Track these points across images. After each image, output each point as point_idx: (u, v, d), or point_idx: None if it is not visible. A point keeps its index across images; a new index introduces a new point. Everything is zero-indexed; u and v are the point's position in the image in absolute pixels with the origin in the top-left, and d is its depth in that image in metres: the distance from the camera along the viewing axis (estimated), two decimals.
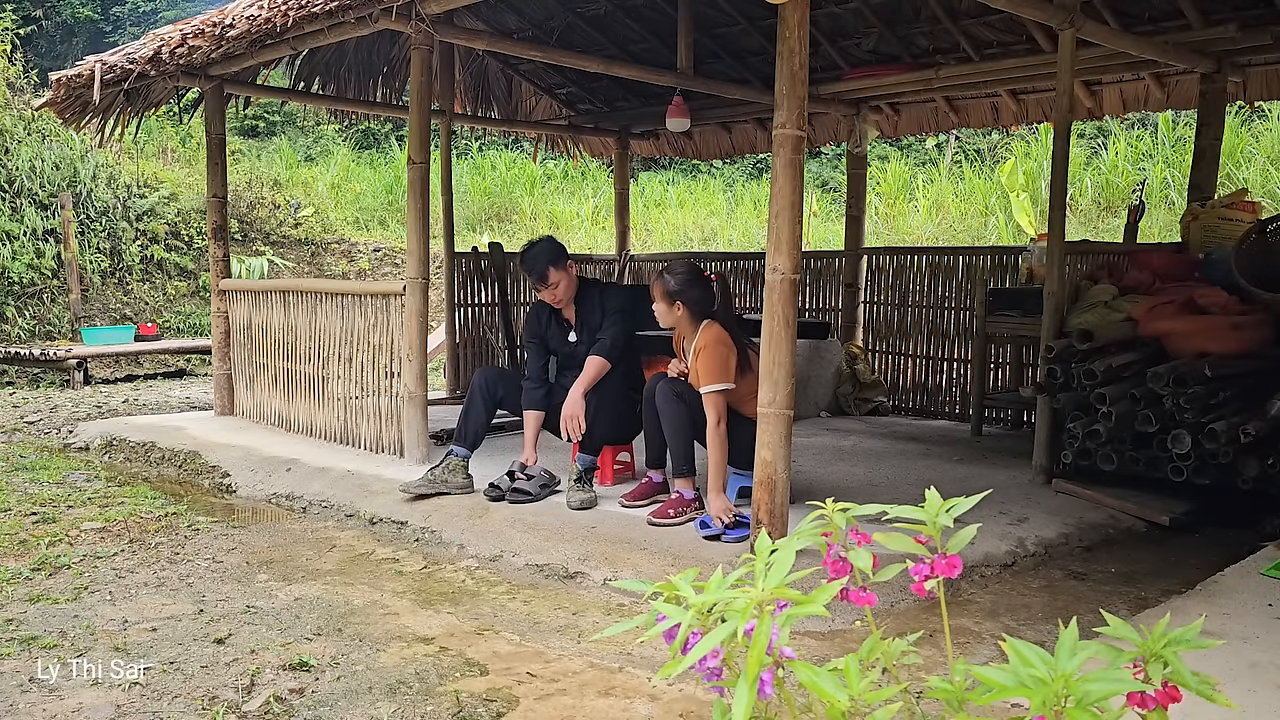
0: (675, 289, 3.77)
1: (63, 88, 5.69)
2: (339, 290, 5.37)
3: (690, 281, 3.78)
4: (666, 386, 3.76)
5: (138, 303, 10.86)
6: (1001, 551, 3.52)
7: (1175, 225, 7.19)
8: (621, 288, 4.81)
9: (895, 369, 6.90)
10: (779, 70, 3.15)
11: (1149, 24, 5.30)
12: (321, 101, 7.44)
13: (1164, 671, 1.00)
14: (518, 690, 2.43)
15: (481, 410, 4.25)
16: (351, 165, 15.54)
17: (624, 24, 6.89)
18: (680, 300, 3.77)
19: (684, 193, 14.67)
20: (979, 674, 0.99)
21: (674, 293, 3.77)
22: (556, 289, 4.25)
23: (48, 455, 5.60)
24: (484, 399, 4.24)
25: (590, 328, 4.29)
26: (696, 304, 3.77)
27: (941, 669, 2.47)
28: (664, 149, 8.76)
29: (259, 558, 3.63)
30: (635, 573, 3.31)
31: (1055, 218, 4.42)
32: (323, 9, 4.16)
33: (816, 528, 1.21)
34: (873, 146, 11.75)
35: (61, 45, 16.71)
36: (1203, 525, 3.99)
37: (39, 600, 3.07)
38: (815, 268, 7.36)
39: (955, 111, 6.93)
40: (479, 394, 4.24)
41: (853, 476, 4.60)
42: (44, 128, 10.87)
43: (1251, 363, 4.12)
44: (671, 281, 3.78)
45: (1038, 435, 4.55)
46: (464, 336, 7.16)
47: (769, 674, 1.02)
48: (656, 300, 3.83)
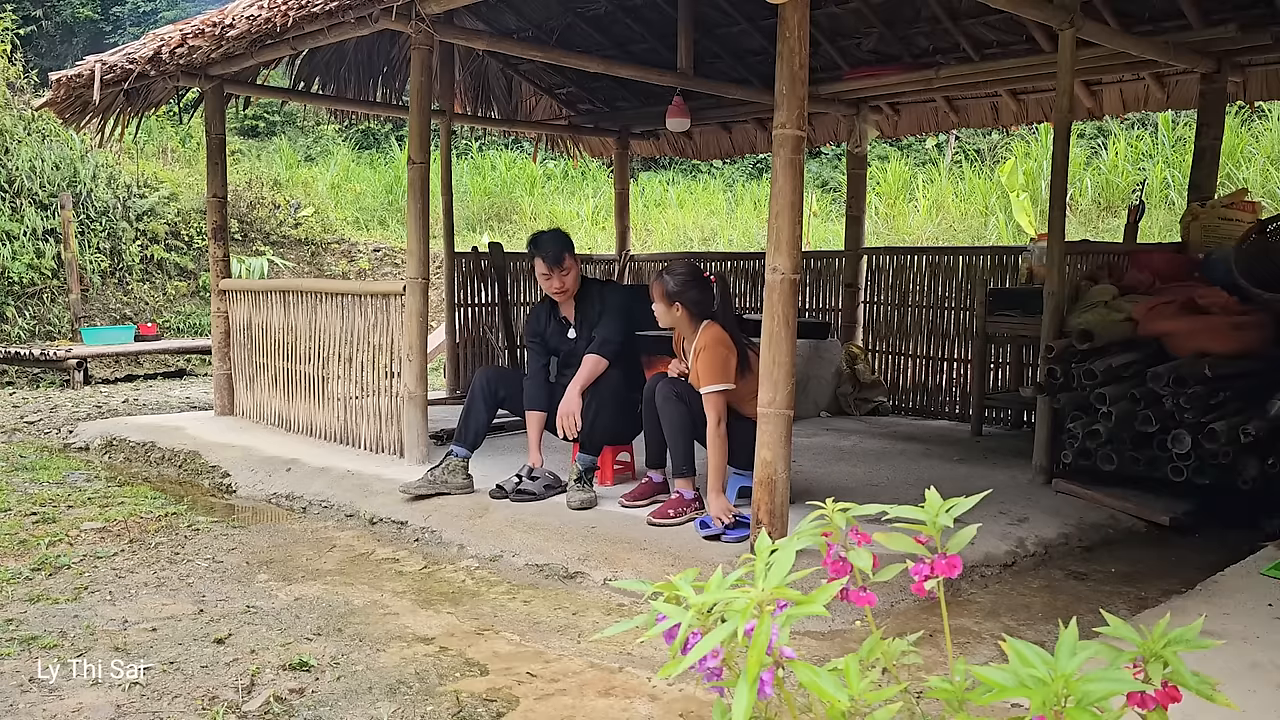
0: (674, 289, 3.77)
1: (63, 88, 5.69)
2: (339, 290, 5.37)
3: (689, 282, 3.77)
4: (666, 386, 3.76)
5: (138, 303, 10.86)
6: (1001, 551, 3.52)
7: (1175, 225, 7.18)
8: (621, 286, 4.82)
9: (895, 369, 6.89)
10: (779, 70, 3.15)
11: (1149, 24, 5.30)
12: (321, 101, 7.44)
13: (1164, 671, 1.00)
14: (518, 690, 2.43)
15: (482, 410, 4.25)
16: (351, 165, 15.54)
17: (624, 24, 6.89)
18: (679, 301, 3.77)
19: (684, 193, 14.67)
20: (979, 674, 0.99)
21: (673, 293, 3.77)
22: (566, 276, 4.25)
23: (48, 455, 5.60)
24: (485, 399, 4.24)
25: (590, 325, 4.29)
26: (696, 304, 3.77)
27: (941, 669, 2.46)
28: (664, 149, 8.76)
29: (259, 558, 3.63)
30: (635, 573, 3.31)
31: (1055, 218, 4.42)
32: (323, 9, 4.16)
33: (816, 528, 1.21)
34: (873, 146, 11.75)
35: (61, 45, 16.71)
36: (1203, 525, 3.99)
37: (39, 600, 3.07)
38: (815, 268, 7.35)
39: (955, 111, 6.93)
40: (480, 394, 4.24)
41: (853, 476, 4.60)
42: (44, 128, 10.87)
43: (1251, 363, 4.12)
44: (670, 282, 3.78)
45: (1038, 435, 4.55)
46: (464, 336, 7.15)
47: (769, 674, 1.02)
48: (656, 300, 3.83)
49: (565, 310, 4.38)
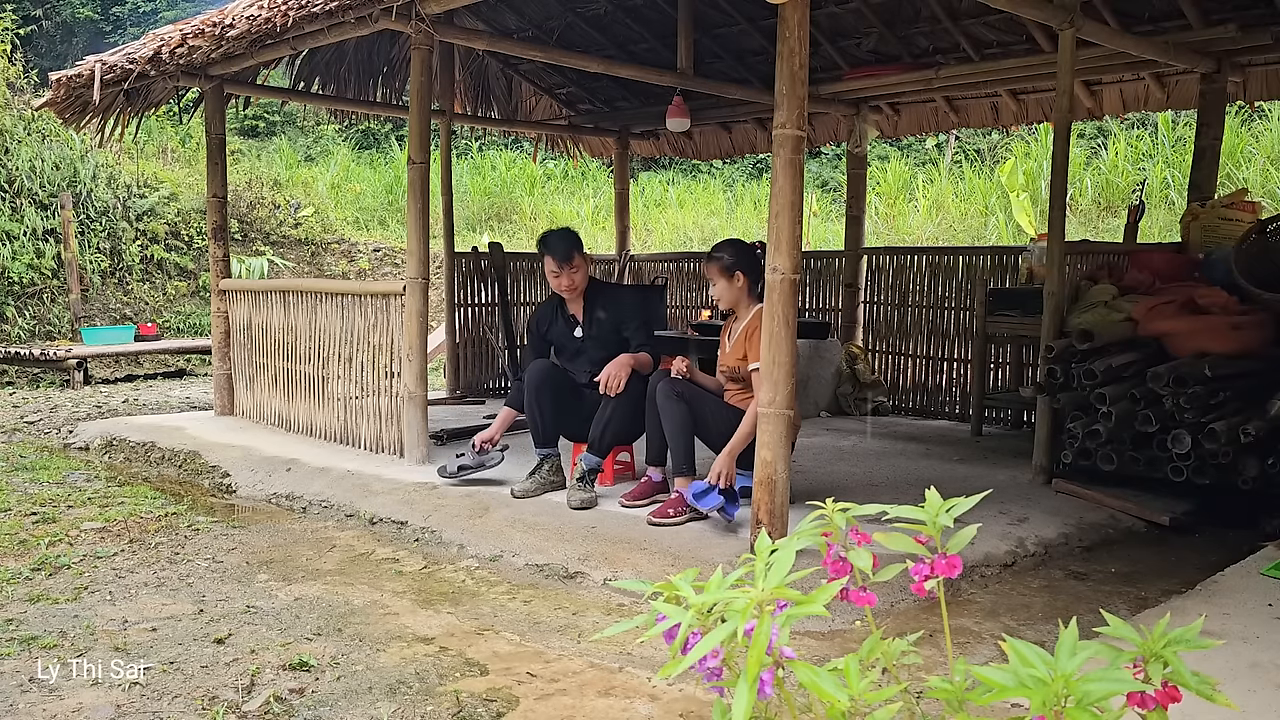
0: (732, 260, 3.82)
1: (63, 88, 5.69)
2: (339, 290, 5.37)
3: (742, 250, 3.86)
4: (667, 385, 3.77)
5: (138, 303, 10.86)
6: (1001, 551, 3.52)
7: (1175, 225, 7.19)
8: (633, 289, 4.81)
9: (895, 369, 6.89)
10: (779, 70, 3.15)
11: (1149, 24, 5.30)
12: (321, 101, 7.44)
13: (1164, 671, 1.00)
14: (518, 690, 2.43)
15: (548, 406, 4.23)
16: (351, 165, 15.54)
17: (624, 24, 6.89)
18: (740, 270, 3.82)
19: (684, 193, 14.67)
20: (979, 674, 0.99)
21: (731, 265, 3.81)
22: (575, 274, 4.26)
23: (48, 455, 5.60)
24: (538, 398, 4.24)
25: (599, 324, 4.29)
26: (753, 273, 3.83)
27: (941, 669, 2.47)
28: (664, 149, 8.76)
29: (259, 558, 3.63)
30: (635, 573, 3.31)
31: (1055, 218, 4.42)
32: (323, 9, 4.16)
33: (816, 528, 1.21)
34: (873, 146, 11.75)
35: (61, 45, 16.70)
36: (1203, 525, 3.99)
37: (39, 600, 3.07)
38: (815, 268, 7.36)
39: (955, 111, 6.93)
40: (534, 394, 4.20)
41: (853, 476, 4.60)
42: (44, 128, 10.87)
43: (1251, 363, 4.12)
44: (726, 256, 3.83)
45: (1038, 435, 4.55)
46: (464, 336, 7.16)
47: (769, 674, 1.02)
48: (715, 280, 3.85)
49: (573, 308, 4.39)
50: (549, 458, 4.18)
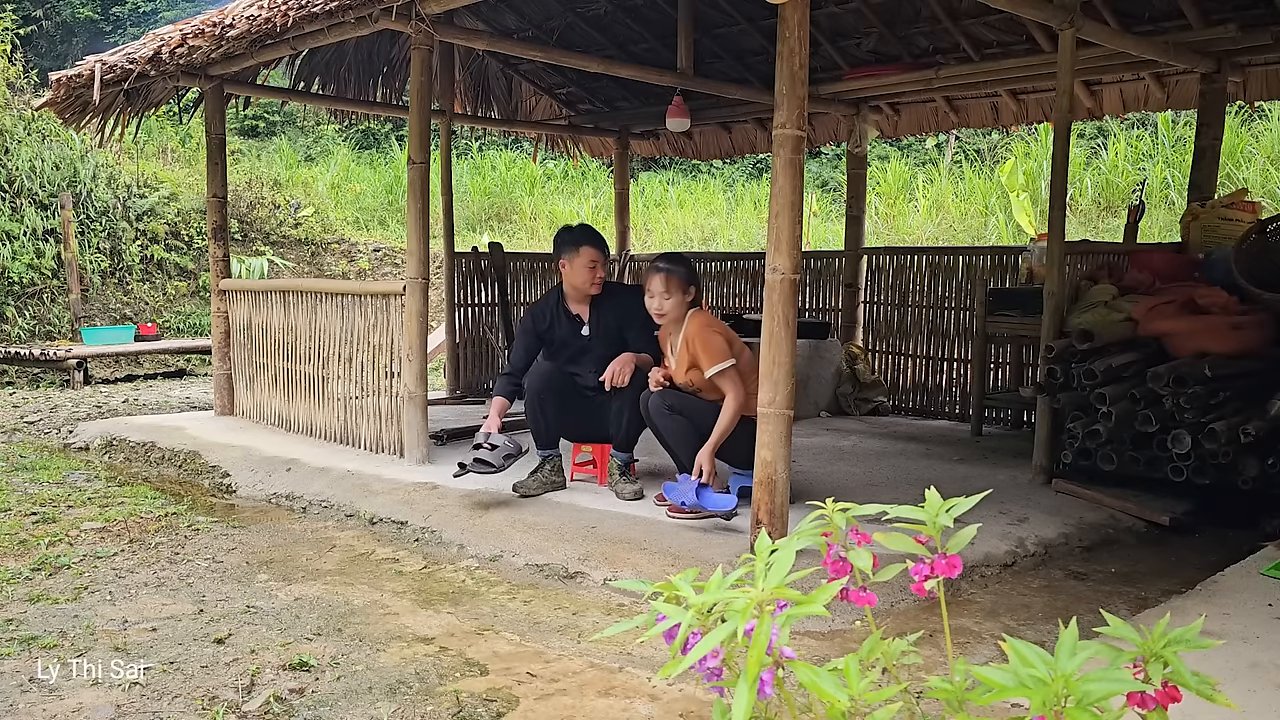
0: (687, 273, 3.81)
1: (63, 88, 5.69)
2: (339, 290, 5.37)
3: (690, 264, 3.86)
4: (658, 400, 3.74)
5: (138, 303, 10.86)
6: (1001, 551, 3.52)
7: (1175, 225, 7.18)
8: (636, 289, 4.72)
9: (895, 369, 6.89)
10: (779, 70, 3.15)
11: (1149, 24, 5.30)
12: (321, 101, 7.44)
13: (1164, 671, 1.00)
14: (518, 690, 2.43)
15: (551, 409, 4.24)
16: (351, 165, 15.54)
17: (624, 24, 6.89)
18: (694, 284, 3.83)
19: (684, 193, 14.67)
20: (979, 674, 0.99)
21: (688, 278, 3.81)
22: (596, 269, 4.26)
23: (48, 455, 5.60)
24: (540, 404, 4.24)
25: (606, 325, 4.27)
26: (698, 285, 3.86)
27: (941, 669, 2.47)
28: (664, 149, 8.76)
29: (259, 558, 3.63)
30: (635, 573, 3.31)
31: (1055, 218, 4.42)
32: (323, 9, 4.16)
33: (816, 528, 1.21)
34: (873, 146, 11.76)
35: (61, 45, 16.70)
36: (1203, 525, 3.99)
37: (39, 600, 3.07)
38: (815, 268, 7.36)
39: (955, 111, 6.93)
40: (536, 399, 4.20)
41: (853, 476, 4.60)
42: (44, 128, 10.87)
43: (1251, 363, 4.12)
44: (684, 269, 3.81)
45: (1038, 435, 4.55)
46: (464, 336, 7.16)
47: (769, 674, 1.02)
48: (670, 293, 3.78)
49: (578, 308, 4.33)
50: (550, 458, 4.20)
